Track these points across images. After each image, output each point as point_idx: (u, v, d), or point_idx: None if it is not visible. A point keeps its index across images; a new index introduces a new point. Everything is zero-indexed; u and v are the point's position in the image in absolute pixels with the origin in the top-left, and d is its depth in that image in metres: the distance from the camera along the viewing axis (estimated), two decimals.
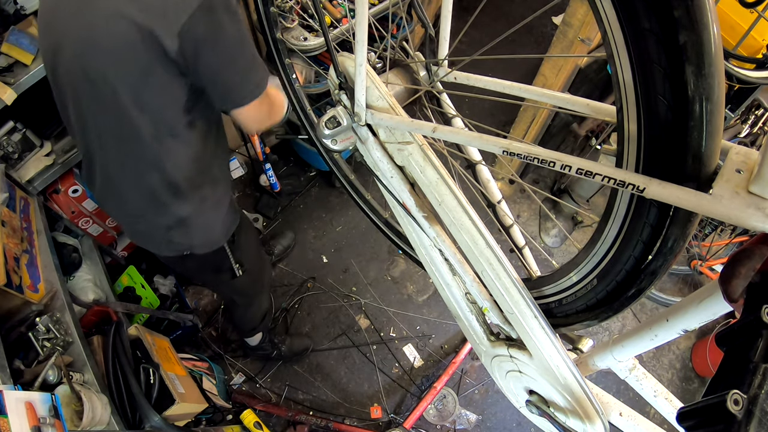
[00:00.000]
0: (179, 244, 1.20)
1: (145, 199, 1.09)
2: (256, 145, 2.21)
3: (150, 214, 1.13)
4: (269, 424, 1.90)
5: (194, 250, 1.23)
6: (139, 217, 1.16)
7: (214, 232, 1.23)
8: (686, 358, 2.29)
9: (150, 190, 1.07)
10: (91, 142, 1.04)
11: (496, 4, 3.30)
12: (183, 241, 1.20)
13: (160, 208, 1.10)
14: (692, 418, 0.40)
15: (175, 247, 1.21)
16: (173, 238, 1.18)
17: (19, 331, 1.19)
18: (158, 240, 1.21)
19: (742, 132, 1.90)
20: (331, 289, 2.30)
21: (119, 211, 1.21)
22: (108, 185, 1.12)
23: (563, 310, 0.74)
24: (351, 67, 0.79)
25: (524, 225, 2.57)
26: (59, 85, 0.98)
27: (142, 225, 1.19)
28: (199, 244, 1.23)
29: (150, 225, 1.17)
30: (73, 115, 1.01)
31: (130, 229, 1.25)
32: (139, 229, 1.21)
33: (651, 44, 0.42)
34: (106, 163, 1.06)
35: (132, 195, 1.10)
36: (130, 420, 1.26)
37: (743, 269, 0.45)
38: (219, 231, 1.24)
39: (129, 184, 1.08)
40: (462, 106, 2.82)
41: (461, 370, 2.14)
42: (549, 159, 0.54)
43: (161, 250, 1.25)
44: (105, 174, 1.10)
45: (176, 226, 1.15)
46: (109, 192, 1.15)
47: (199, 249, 1.24)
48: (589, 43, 1.73)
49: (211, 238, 1.24)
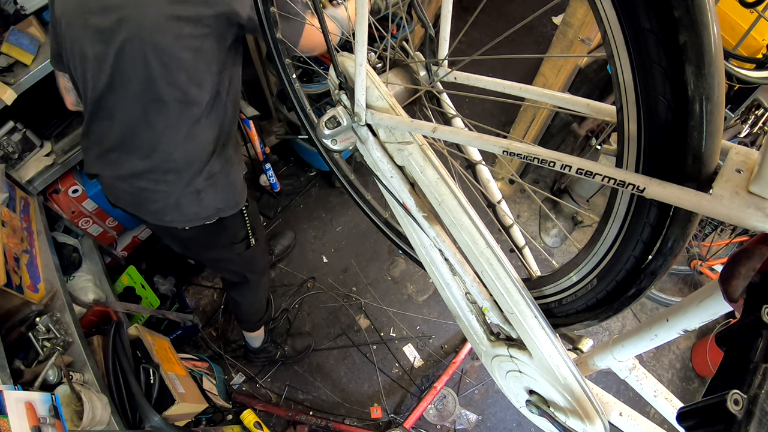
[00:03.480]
0: (207, 208, 1.28)
1: (189, 161, 1.19)
2: (256, 145, 2.20)
3: (187, 178, 1.21)
4: (269, 424, 1.90)
5: (220, 213, 1.31)
6: (175, 182, 1.21)
7: (236, 191, 1.33)
8: (686, 358, 2.29)
9: (196, 151, 1.19)
10: (149, 111, 1.11)
11: (496, 4, 3.30)
12: (211, 203, 1.27)
13: (199, 168, 1.21)
14: (692, 418, 0.40)
15: (204, 212, 1.28)
16: (203, 200, 1.25)
17: (19, 331, 1.19)
18: (188, 208, 1.26)
19: (742, 132, 1.90)
20: (331, 289, 2.30)
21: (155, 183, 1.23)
22: (154, 155, 1.17)
23: (563, 310, 0.74)
24: (351, 67, 0.79)
25: (524, 225, 2.57)
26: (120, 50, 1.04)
27: (174, 196, 1.23)
28: (225, 205, 1.31)
29: (183, 192, 1.22)
30: (130, 82, 1.08)
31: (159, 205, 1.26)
32: (169, 203, 1.25)
33: (651, 44, 0.42)
34: (161, 129, 1.14)
35: (178, 158, 1.18)
36: (130, 420, 1.26)
37: (743, 269, 0.45)
38: (240, 190, 1.35)
39: (179, 148, 1.17)
40: (462, 106, 2.82)
41: (461, 370, 2.14)
42: (549, 159, 0.54)
43: (190, 220, 1.29)
44: (153, 142, 1.16)
45: (206, 187, 1.24)
46: (151, 162, 1.19)
47: (224, 211, 1.31)
48: (589, 43, 1.73)
49: (234, 197, 1.33)
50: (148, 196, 1.24)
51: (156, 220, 1.31)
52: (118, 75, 1.07)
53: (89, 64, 1.08)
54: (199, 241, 1.42)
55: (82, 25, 1.04)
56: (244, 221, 1.42)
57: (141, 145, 1.16)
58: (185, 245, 1.47)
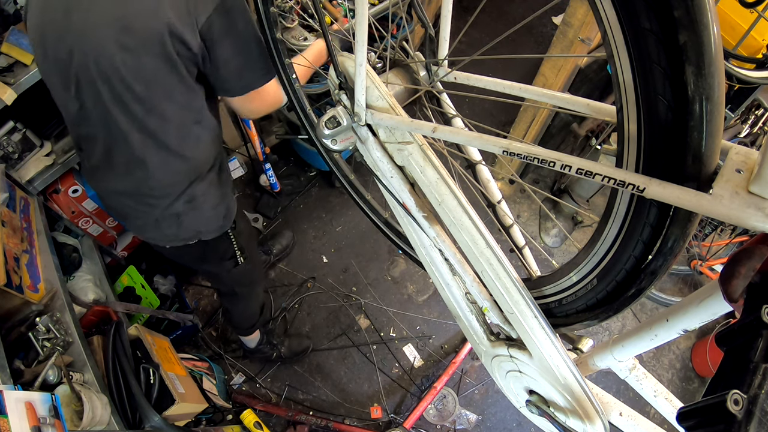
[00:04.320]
0: (187, 230, 1.25)
1: (165, 187, 1.16)
2: (256, 145, 2.21)
3: (165, 203, 1.18)
4: (269, 424, 1.90)
5: (201, 236, 1.28)
6: (155, 205, 1.19)
7: (220, 216, 1.29)
8: (686, 358, 2.29)
9: (171, 179, 1.15)
10: (116, 137, 1.08)
11: (496, 4, 3.30)
12: (192, 226, 1.25)
13: (177, 193, 1.17)
14: (692, 418, 0.40)
15: (184, 234, 1.26)
16: (183, 222, 1.22)
17: (19, 331, 1.19)
18: (168, 229, 1.24)
19: (742, 132, 1.90)
20: (331, 289, 2.30)
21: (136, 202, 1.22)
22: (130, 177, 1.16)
23: (563, 310, 0.74)
24: (351, 67, 0.79)
25: (524, 225, 2.57)
26: (77, 81, 1.01)
27: (153, 216, 1.21)
28: (206, 229, 1.28)
29: (162, 215, 1.20)
30: (93, 110, 1.05)
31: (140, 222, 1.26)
32: (149, 221, 1.23)
33: (651, 44, 0.42)
34: (132, 155, 1.11)
35: (157, 180, 1.15)
36: (130, 420, 1.26)
37: (743, 269, 0.45)
38: (225, 214, 1.31)
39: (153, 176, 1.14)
40: (462, 106, 2.82)
41: (461, 370, 2.14)
42: (549, 159, 0.54)
43: (170, 240, 1.28)
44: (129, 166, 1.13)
45: (187, 210, 1.20)
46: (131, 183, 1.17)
47: (205, 234, 1.29)
48: (589, 43, 1.73)
49: (217, 221, 1.30)
50: (130, 212, 1.24)
51: (138, 235, 1.33)
52: (83, 103, 1.05)
53: (59, 94, 1.07)
54: (186, 258, 1.42)
55: (45, 57, 1.03)
56: (230, 242, 1.38)
57: (119, 168, 1.15)
58: (172, 258, 1.46)
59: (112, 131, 1.07)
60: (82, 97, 1.03)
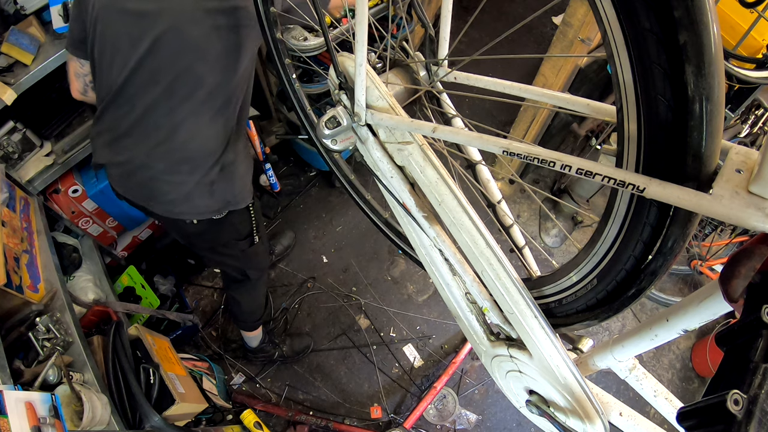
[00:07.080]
0: (218, 201, 1.29)
1: (206, 150, 1.21)
2: (256, 145, 2.20)
3: (203, 168, 1.22)
4: (269, 424, 1.90)
5: (229, 206, 1.32)
6: (192, 172, 1.22)
7: (246, 184, 1.36)
8: (686, 358, 2.29)
9: (213, 141, 1.21)
10: (169, 99, 1.13)
11: (496, 4, 3.30)
12: (222, 195, 1.29)
13: (215, 158, 1.22)
14: (692, 418, 0.40)
15: (215, 205, 1.29)
16: (215, 192, 1.27)
17: (19, 331, 1.19)
18: (199, 200, 1.27)
19: (742, 132, 1.90)
20: (331, 289, 2.30)
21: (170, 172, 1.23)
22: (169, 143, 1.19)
23: (563, 310, 0.74)
24: (351, 67, 0.79)
25: (524, 225, 2.57)
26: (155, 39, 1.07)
27: (187, 186, 1.24)
28: (234, 199, 1.33)
29: (197, 183, 1.24)
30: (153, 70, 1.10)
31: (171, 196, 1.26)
32: (180, 195, 1.25)
33: (651, 44, 0.42)
34: (176, 122, 1.16)
35: (195, 147, 1.20)
36: (130, 420, 1.26)
37: (743, 269, 0.45)
38: (248, 184, 1.37)
39: (198, 137, 1.19)
40: (462, 106, 2.82)
41: (461, 370, 2.14)
42: (549, 159, 0.54)
43: (200, 212, 1.30)
44: (172, 131, 1.17)
45: (219, 179, 1.25)
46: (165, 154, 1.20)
47: (233, 204, 1.33)
48: (589, 43, 1.73)
49: (244, 190, 1.35)
50: (160, 187, 1.24)
51: (165, 212, 1.31)
52: (150, 60, 1.09)
53: (122, 47, 1.10)
54: (206, 236, 1.43)
55: (120, 8, 1.07)
56: (250, 217, 1.44)
57: (158, 133, 1.17)
58: (191, 239, 1.48)
59: (173, 92, 1.12)
60: (155, 53, 1.08)
